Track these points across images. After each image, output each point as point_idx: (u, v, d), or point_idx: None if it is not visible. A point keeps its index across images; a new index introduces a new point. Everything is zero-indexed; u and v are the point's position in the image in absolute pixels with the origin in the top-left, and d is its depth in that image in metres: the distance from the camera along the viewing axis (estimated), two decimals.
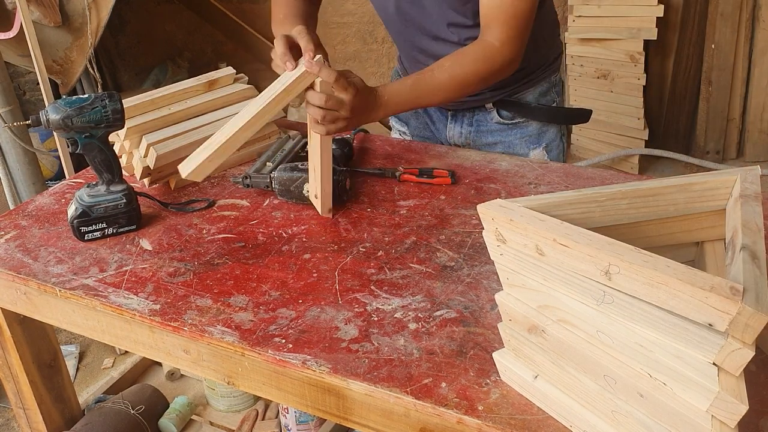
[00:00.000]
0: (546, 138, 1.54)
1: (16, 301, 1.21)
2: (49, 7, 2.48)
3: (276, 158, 1.43)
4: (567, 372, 0.79)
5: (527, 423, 0.83)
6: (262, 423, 1.71)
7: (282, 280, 1.11)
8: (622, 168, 3.44)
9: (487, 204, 0.78)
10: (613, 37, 3.28)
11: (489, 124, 1.54)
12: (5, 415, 2.19)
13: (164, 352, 1.09)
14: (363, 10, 3.82)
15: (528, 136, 1.54)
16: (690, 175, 0.86)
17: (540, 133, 1.54)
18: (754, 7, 3.23)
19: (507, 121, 1.53)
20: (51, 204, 1.39)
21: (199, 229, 1.27)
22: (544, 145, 1.54)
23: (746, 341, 0.60)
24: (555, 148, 1.56)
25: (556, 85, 1.57)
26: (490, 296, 1.05)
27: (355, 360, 0.94)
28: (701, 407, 0.65)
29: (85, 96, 1.20)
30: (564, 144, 1.60)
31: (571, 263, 0.71)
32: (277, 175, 1.33)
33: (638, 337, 0.69)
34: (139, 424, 1.61)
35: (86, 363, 2.41)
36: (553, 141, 1.55)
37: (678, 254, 0.86)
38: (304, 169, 1.31)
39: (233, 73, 1.60)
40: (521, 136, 1.54)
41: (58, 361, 1.44)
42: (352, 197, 1.34)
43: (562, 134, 1.59)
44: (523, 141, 1.54)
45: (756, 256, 0.67)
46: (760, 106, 3.36)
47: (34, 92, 3.68)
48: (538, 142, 1.54)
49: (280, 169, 1.34)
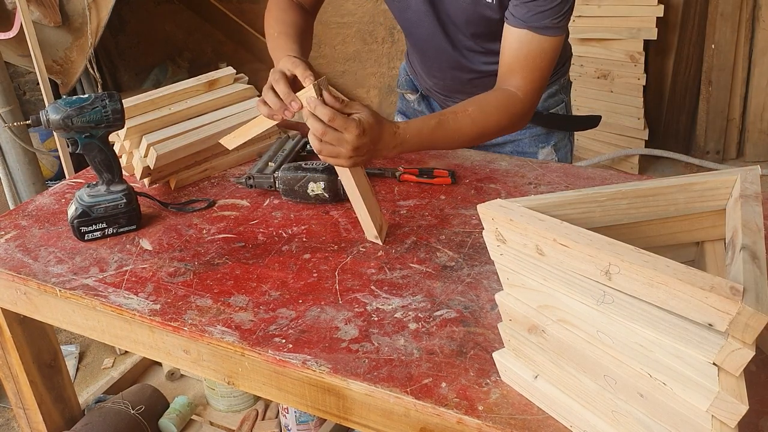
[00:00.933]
0: (555, 137, 1.55)
1: (16, 301, 1.21)
2: (49, 7, 2.48)
3: (277, 158, 1.43)
4: (567, 372, 0.79)
5: (527, 423, 0.83)
6: (262, 423, 1.71)
7: (282, 280, 1.11)
8: (622, 168, 3.44)
9: (487, 204, 0.78)
10: (613, 37, 3.28)
11: None
12: (5, 415, 2.19)
13: (164, 352, 1.09)
14: (363, 10, 3.82)
15: (537, 135, 1.54)
16: (690, 175, 0.86)
17: (549, 132, 1.54)
18: (754, 7, 3.23)
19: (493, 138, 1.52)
20: (51, 204, 1.39)
21: (199, 229, 1.27)
22: (552, 143, 1.55)
23: (746, 341, 0.60)
24: (563, 147, 1.57)
25: (564, 86, 1.58)
26: (490, 296, 1.05)
27: (355, 360, 0.94)
28: (701, 407, 0.65)
29: (85, 96, 1.20)
30: (571, 143, 1.61)
31: (571, 263, 0.71)
32: (282, 175, 1.33)
33: (638, 337, 0.69)
34: (139, 424, 1.61)
35: (86, 363, 2.41)
36: (561, 140, 1.56)
37: (678, 254, 0.86)
38: (308, 168, 1.31)
39: (233, 73, 1.60)
40: (530, 136, 1.54)
41: (58, 361, 1.44)
42: None
43: (570, 133, 1.60)
44: (532, 140, 1.54)
45: (756, 256, 0.67)
46: (760, 106, 3.36)
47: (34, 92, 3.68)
48: (547, 141, 1.54)
49: (284, 169, 1.34)
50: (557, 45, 1.25)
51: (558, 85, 1.55)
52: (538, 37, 1.22)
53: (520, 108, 1.27)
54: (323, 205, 1.32)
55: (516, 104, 1.26)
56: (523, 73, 1.25)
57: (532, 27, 1.21)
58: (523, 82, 1.25)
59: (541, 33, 1.22)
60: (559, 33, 1.24)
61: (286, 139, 1.53)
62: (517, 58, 1.25)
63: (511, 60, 1.26)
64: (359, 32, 3.89)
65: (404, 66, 1.71)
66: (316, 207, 1.32)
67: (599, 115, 1.61)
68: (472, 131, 1.24)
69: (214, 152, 1.47)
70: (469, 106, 1.25)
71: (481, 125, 1.25)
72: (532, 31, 1.22)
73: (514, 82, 1.26)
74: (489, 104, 1.25)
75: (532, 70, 1.25)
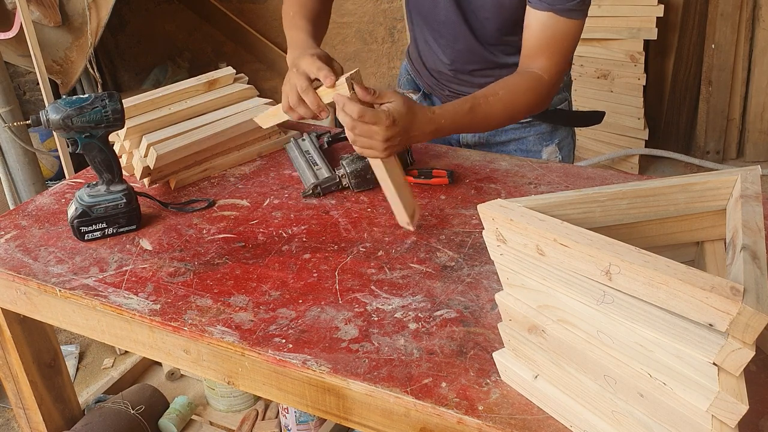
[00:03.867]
0: (558, 135, 1.56)
1: (16, 301, 1.21)
2: (49, 7, 2.48)
3: (313, 159, 1.43)
4: (567, 372, 0.79)
5: (527, 423, 0.83)
6: (262, 423, 1.71)
7: (282, 280, 1.11)
8: (622, 168, 3.44)
9: (487, 204, 0.78)
10: (613, 37, 3.28)
11: None
12: (5, 415, 2.19)
13: (164, 352, 1.09)
14: (363, 10, 3.82)
15: (541, 133, 1.55)
16: (690, 175, 0.85)
17: (553, 130, 1.55)
18: (754, 7, 3.23)
19: (521, 120, 1.53)
20: (51, 204, 1.39)
21: (199, 229, 1.27)
22: (556, 142, 1.55)
23: (746, 341, 0.60)
24: (566, 146, 1.58)
25: (567, 84, 1.58)
26: (490, 296, 1.05)
27: (355, 360, 0.94)
28: (701, 407, 0.65)
29: (85, 96, 1.20)
30: (574, 141, 1.62)
31: (572, 263, 0.71)
32: (350, 170, 1.34)
33: (638, 337, 0.69)
34: (139, 424, 1.61)
35: (86, 363, 2.41)
36: (565, 138, 1.57)
37: (678, 254, 0.86)
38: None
39: (233, 73, 1.60)
40: (535, 134, 1.55)
41: (58, 361, 1.44)
42: (351, 197, 1.35)
43: (573, 131, 1.61)
44: (536, 138, 1.55)
45: (756, 256, 0.67)
46: (760, 106, 3.36)
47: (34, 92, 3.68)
48: (551, 139, 1.55)
49: (347, 164, 1.34)
50: (580, 28, 1.27)
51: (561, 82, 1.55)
52: (562, 20, 1.24)
53: (546, 90, 1.30)
54: (323, 205, 1.32)
55: (543, 86, 1.29)
56: (548, 55, 1.27)
57: (556, 9, 1.23)
58: (549, 63, 1.27)
59: (565, 15, 1.24)
60: (582, 16, 1.26)
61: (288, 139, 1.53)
62: (542, 40, 1.26)
63: (536, 42, 1.27)
64: (359, 32, 3.89)
65: (405, 65, 1.70)
66: (316, 207, 1.32)
67: (603, 111, 1.62)
68: (504, 114, 1.28)
69: (214, 152, 1.47)
70: (500, 89, 1.27)
71: (512, 108, 1.28)
72: (556, 14, 1.23)
73: (539, 64, 1.28)
74: (519, 87, 1.28)
75: (556, 53, 1.27)
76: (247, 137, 1.51)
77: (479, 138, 1.57)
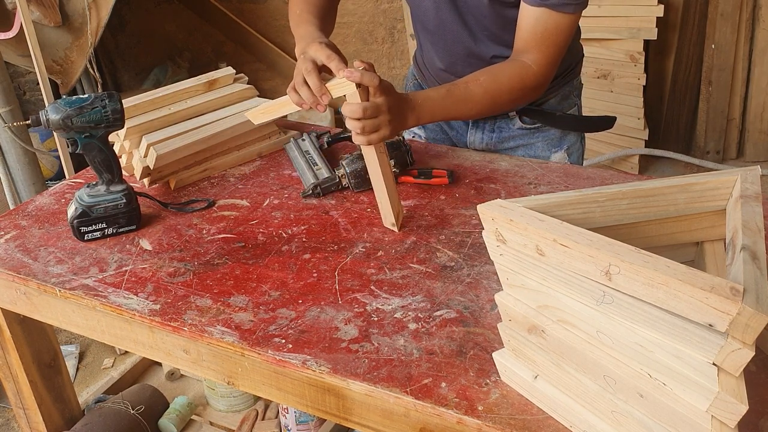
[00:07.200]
0: (567, 141, 1.54)
1: (16, 301, 1.21)
2: (49, 7, 2.48)
3: (313, 159, 1.42)
4: (567, 372, 0.79)
5: (527, 423, 0.83)
6: (262, 423, 1.71)
7: (282, 280, 1.11)
8: (622, 168, 3.44)
9: (487, 204, 0.78)
10: (613, 37, 3.28)
11: (511, 130, 1.53)
12: (5, 415, 2.19)
13: (164, 352, 1.09)
14: (363, 10, 3.82)
15: (550, 139, 1.53)
16: (690, 175, 0.85)
17: (562, 136, 1.53)
18: (754, 7, 3.23)
19: (529, 125, 1.52)
20: (51, 204, 1.39)
21: (199, 229, 1.27)
22: (565, 147, 1.53)
23: (746, 342, 0.60)
24: (575, 151, 1.56)
25: (576, 89, 1.57)
26: (490, 296, 1.05)
27: (355, 360, 0.94)
28: (701, 407, 0.65)
29: (85, 96, 1.20)
30: (583, 146, 1.60)
31: (571, 263, 0.71)
32: (350, 170, 1.34)
33: (638, 337, 0.69)
34: (139, 424, 1.61)
35: (86, 363, 2.41)
36: (574, 144, 1.55)
37: (678, 254, 0.86)
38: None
39: (233, 73, 1.60)
40: (543, 140, 1.53)
41: (58, 361, 1.44)
42: (351, 197, 1.35)
43: (582, 137, 1.59)
44: (545, 144, 1.53)
45: (756, 256, 0.67)
46: (760, 106, 3.36)
47: (34, 92, 3.68)
48: (560, 145, 1.53)
49: (347, 164, 1.34)
50: (574, 22, 1.27)
51: (570, 86, 1.54)
52: (555, 14, 1.24)
53: (533, 80, 1.29)
54: (323, 205, 1.32)
55: (530, 75, 1.28)
56: (539, 49, 1.27)
57: (549, 5, 1.23)
58: (540, 56, 1.27)
59: (558, 10, 1.23)
60: (576, 10, 1.25)
61: (288, 139, 1.53)
62: (534, 34, 1.26)
63: (528, 36, 1.27)
64: (359, 32, 3.89)
65: (412, 70, 1.70)
66: (316, 207, 1.32)
67: (614, 117, 1.60)
68: (485, 99, 1.27)
69: (214, 152, 1.47)
70: (481, 75, 1.28)
71: (494, 93, 1.27)
72: (549, 9, 1.23)
73: (531, 56, 1.28)
74: (502, 73, 1.28)
75: (548, 46, 1.27)
76: (247, 137, 1.51)
77: (487, 143, 1.56)
